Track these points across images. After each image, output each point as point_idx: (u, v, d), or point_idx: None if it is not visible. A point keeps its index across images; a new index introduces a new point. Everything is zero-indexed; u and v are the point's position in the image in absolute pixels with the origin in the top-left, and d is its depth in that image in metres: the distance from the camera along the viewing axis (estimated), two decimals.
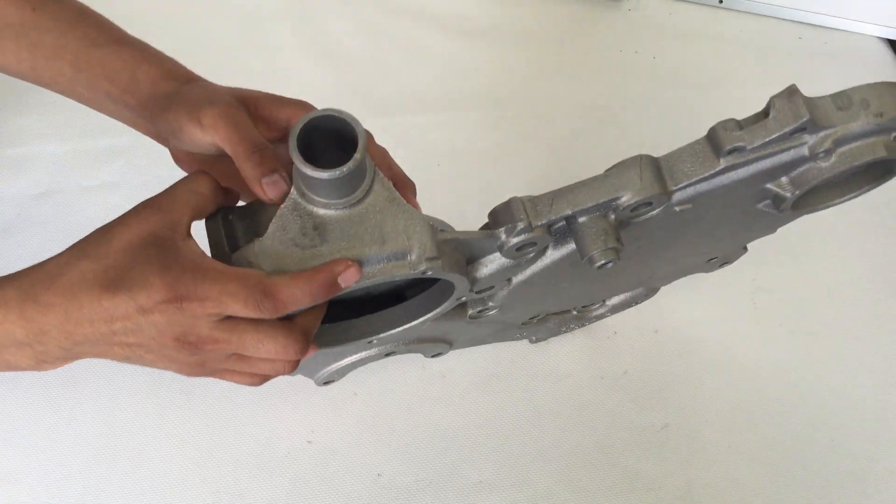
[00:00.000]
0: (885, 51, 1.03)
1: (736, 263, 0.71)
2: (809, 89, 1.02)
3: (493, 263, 0.54)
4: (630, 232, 0.53)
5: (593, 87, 0.98)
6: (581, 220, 0.51)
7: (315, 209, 0.46)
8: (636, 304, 0.77)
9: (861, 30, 1.04)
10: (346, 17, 1.02)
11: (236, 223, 0.50)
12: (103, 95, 0.54)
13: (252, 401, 0.75)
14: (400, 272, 0.47)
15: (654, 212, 0.51)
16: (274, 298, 0.43)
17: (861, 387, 0.79)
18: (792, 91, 0.46)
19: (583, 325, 0.80)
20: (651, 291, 0.76)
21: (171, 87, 0.52)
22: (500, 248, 0.52)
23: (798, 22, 1.04)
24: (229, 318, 0.45)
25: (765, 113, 0.47)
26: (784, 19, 1.05)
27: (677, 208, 0.52)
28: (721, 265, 0.71)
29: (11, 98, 0.91)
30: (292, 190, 0.46)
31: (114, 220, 0.45)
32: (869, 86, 0.47)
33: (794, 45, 1.03)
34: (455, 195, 0.88)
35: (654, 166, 0.50)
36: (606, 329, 0.81)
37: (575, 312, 0.76)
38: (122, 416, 0.74)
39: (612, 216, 0.51)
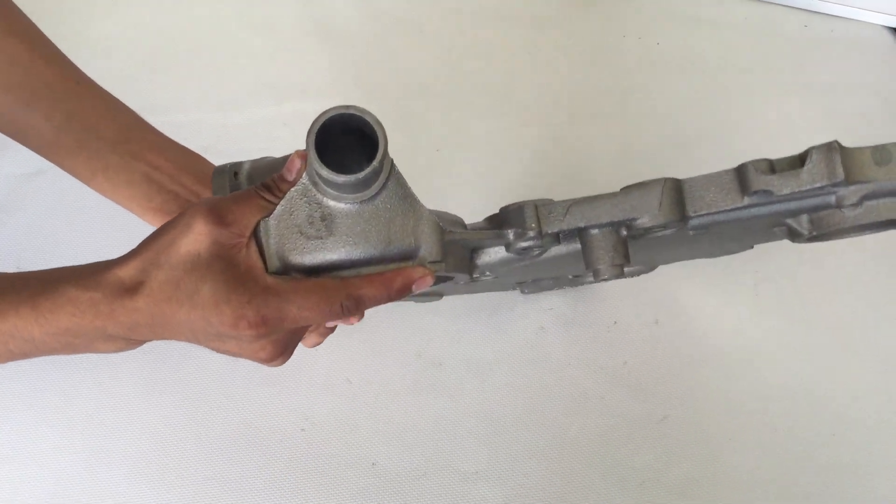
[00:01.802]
0: (891, 40, 1.02)
1: (739, 253, 0.70)
2: (815, 77, 1.01)
3: (496, 255, 0.54)
4: (638, 241, 0.53)
5: (596, 72, 0.97)
6: (593, 232, 0.51)
7: (325, 199, 0.45)
8: (634, 276, 0.77)
9: (867, 18, 1.04)
10: None
11: (242, 181, 0.50)
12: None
13: (244, 386, 0.74)
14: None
15: (667, 231, 0.51)
16: (359, 302, 0.46)
17: (863, 378, 0.78)
18: (832, 148, 0.45)
19: (576, 286, 0.79)
20: (650, 268, 0.75)
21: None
22: (507, 247, 0.53)
23: (804, 9, 1.03)
24: None
25: (800, 160, 0.47)
26: (790, 6, 1.03)
27: (691, 232, 0.52)
28: (725, 253, 0.71)
29: None
30: (304, 175, 0.45)
31: (179, 223, 0.45)
32: None
33: (799, 33, 1.02)
34: (455, 181, 0.87)
35: (677, 190, 0.50)
36: (606, 319, 0.80)
37: (570, 278, 0.75)
38: (115, 395, 0.73)
39: (625, 232, 0.51)
